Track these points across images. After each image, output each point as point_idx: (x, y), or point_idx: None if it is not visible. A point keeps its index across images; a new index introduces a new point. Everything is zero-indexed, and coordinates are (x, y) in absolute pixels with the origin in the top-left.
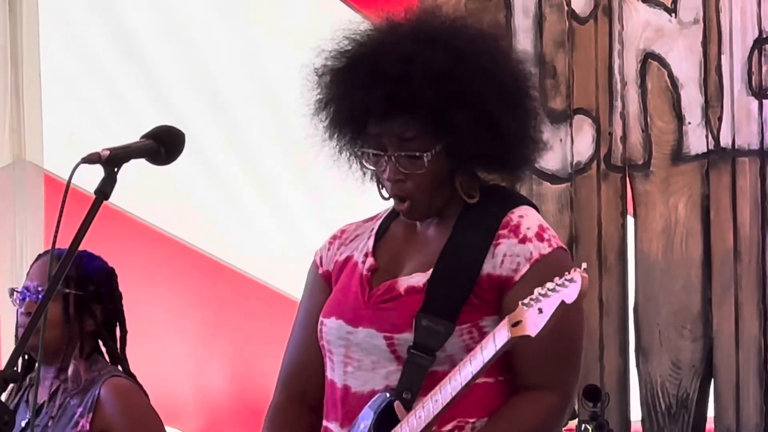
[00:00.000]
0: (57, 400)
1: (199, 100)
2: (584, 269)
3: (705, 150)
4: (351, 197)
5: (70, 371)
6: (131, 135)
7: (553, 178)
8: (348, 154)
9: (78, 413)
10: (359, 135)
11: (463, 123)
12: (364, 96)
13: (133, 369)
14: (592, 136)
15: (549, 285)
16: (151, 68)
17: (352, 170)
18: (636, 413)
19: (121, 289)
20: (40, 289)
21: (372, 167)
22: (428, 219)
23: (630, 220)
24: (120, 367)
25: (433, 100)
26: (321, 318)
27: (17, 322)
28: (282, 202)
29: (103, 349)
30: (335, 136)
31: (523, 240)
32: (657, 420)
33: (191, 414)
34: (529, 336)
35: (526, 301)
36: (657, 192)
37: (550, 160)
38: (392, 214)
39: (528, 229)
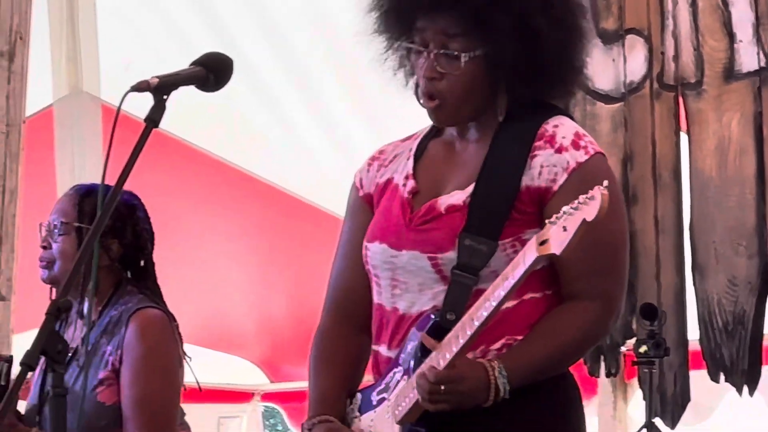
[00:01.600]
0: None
1: (254, 27)
2: (606, 186)
3: (756, 67)
4: (407, 120)
5: (86, 307)
6: (187, 64)
7: (606, 98)
8: (393, 52)
9: (108, 351)
10: (407, 31)
11: (505, 29)
12: None
13: (192, 298)
14: (644, 55)
15: (573, 203)
16: None
17: (396, 77)
18: (693, 332)
19: (178, 217)
20: (56, 223)
21: (411, 66)
22: (455, 125)
23: (683, 138)
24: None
25: (480, 1)
26: (365, 243)
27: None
28: (338, 127)
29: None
30: (384, 30)
31: (559, 149)
32: (714, 337)
33: (252, 342)
34: (555, 254)
35: (552, 219)
36: (710, 110)
37: (603, 80)
38: (430, 134)
39: (563, 138)
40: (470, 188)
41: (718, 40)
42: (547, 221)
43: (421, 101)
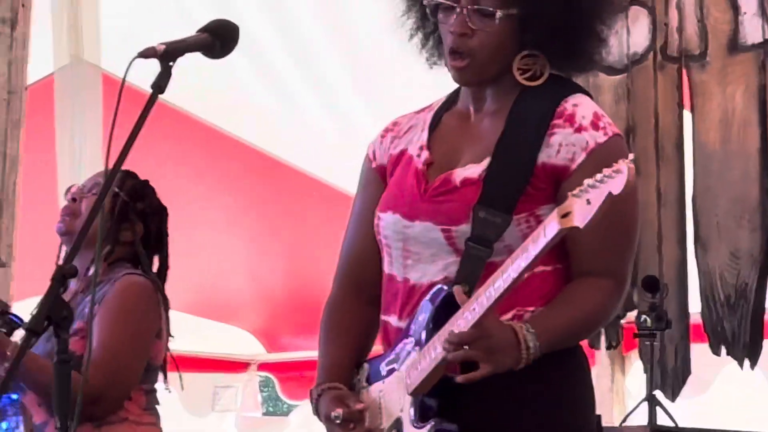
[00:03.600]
0: (77, 299)
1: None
2: (631, 159)
3: (761, 40)
4: (407, 92)
5: (91, 271)
6: (188, 33)
7: (609, 69)
8: (413, 12)
9: (86, 304)
10: None
11: None
12: None
13: (190, 268)
14: (648, 27)
15: (597, 176)
16: None
17: (412, 43)
18: (695, 305)
19: (175, 187)
20: (91, 184)
21: (432, 25)
22: (479, 86)
23: (687, 111)
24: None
25: None
26: (377, 212)
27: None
28: (337, 98)
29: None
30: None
31: (579, 129)
32: (716, 310)
33: (249, 312)
34: (577, 227)
35: (575, 191)
36: (714, 82)
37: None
38: (445, 105)
39: (583, 117)
40: (486, 162)
41: (723, 11)
42: (569, 194)
43: (449, 59)
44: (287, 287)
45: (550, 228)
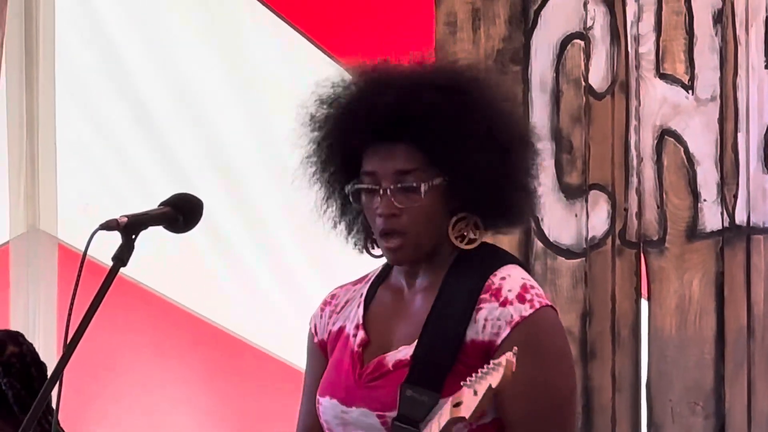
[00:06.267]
0: None
1: (211, 170)
2: (514, 353)
3: (720, 227)
4: (357, 264)
5: None
6: (144, 206)
7: (567, 252)
8: (338, 198)
9: None
10: (352, 174)
11: (462, 157)
12: (362, 126)
13: None
14: (607, 211)
15: (484, 367)
16: (165, 139)
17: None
18: None
19: (131, 359)
20: None
21: (362, 206)
22: (414, 264)
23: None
24: None
25: (435, 133)
26: (318, 396)
27: None
28: (293, 275)
29: None
30: (327, 175)
31: (504, 303)
32: None
33: None
34: (464, 417)
35: (467, 381)
36: (672, 268)
37: (564, 235)
38: (379, 278)
39: (509, 291)
40: (415, 342)
41: (682, 198)
42: (462, 383)
43: (381, 242)
44: None
45: (443, 417)
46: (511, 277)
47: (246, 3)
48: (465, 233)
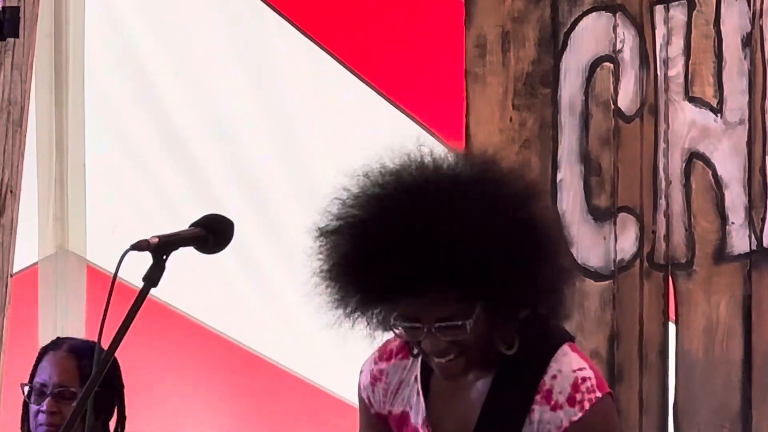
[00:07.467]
0: None
1: (242, 195)
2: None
3: (747, 250)
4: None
5: None
6: (173, 228)
7: (595, 275)
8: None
9: None
10: (389, 311)
11: (498, 288)
12: (394, 274)
13: None
14: (635, 233)
15: None
16: (194, 161)
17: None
18: None
19: (159, 380)
20: (63, 391)
21: (406, 338)
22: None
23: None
24: None
25: (482, 281)
26: None
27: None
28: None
29: None
30: (348, 311)
31: (555, 407)
32: None
33: None
34: None
35: None
36: (699, 291)
37: (593, 258)
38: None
39: (560, 393)
40: None
41: (711, 221)
42: None
43: (429, 361)
44: None
45: None
46: (562, 374)
47: (277, 26)
48: (509, 337)
